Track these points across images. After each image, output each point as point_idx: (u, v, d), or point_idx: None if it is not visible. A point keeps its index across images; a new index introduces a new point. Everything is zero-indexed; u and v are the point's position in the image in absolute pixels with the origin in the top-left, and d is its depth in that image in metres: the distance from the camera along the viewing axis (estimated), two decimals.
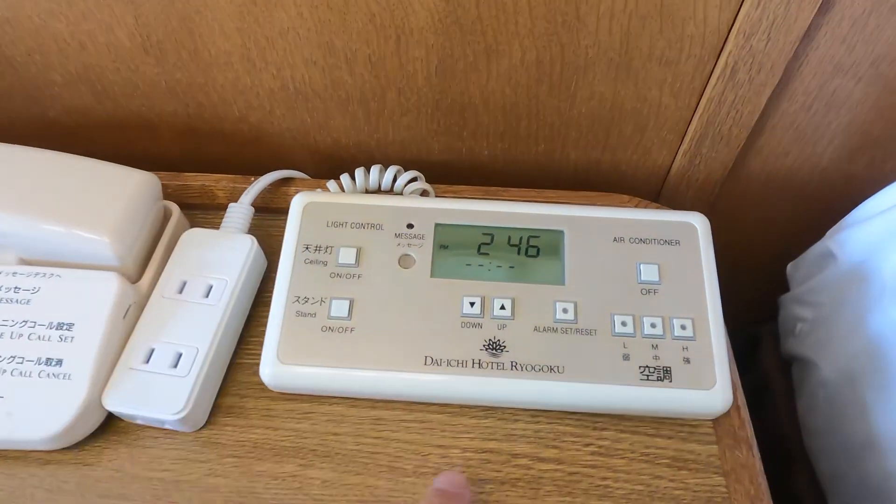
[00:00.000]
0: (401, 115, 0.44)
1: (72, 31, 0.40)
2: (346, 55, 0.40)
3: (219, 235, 0.40)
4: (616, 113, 0.43)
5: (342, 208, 0.39)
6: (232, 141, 0.48)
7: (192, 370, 0.34)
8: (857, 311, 0.44)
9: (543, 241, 0.38)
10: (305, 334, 0.35)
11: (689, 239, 0.38)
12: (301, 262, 0.37)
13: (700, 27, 0.37)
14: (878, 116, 0.43)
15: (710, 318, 0.36)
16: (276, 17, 0.38)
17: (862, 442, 0.43)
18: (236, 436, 0.35)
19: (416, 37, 0.39)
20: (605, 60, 0.39)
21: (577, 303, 0.36)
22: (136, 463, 0.34)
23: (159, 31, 0.40)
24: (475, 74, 0.41)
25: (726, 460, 0.34)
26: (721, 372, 0.35)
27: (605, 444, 0.35)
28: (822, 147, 0.46)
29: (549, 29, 0.38)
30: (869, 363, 0.43)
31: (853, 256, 0.44)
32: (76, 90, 0.44)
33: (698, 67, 0.39)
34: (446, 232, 0.38)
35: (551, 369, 0.35)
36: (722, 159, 0.46)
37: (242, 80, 0.43)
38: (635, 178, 0.49)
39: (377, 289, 0.37)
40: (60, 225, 0.36)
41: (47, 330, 0.35)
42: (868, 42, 0.38)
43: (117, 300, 0.35)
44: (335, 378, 0.35)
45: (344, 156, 0.48)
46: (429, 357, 0.35)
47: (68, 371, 0.34)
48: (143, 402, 0.34)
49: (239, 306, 0.38)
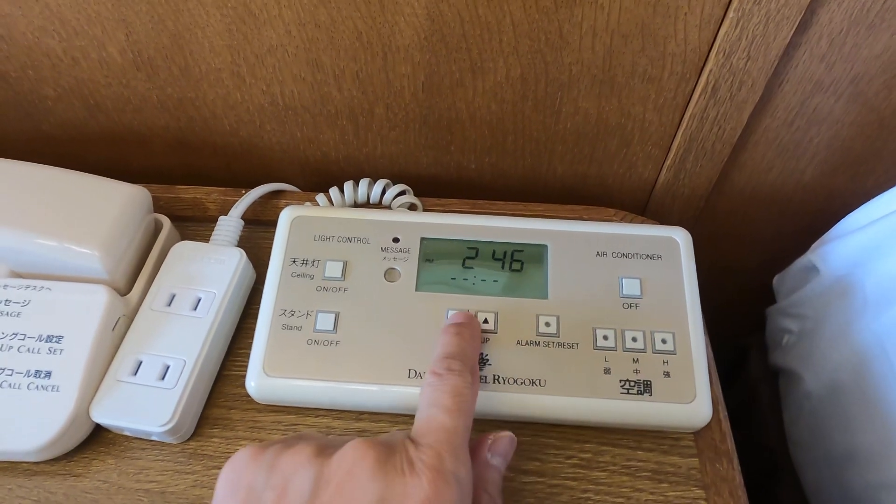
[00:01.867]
0: (389, 129, 0.45)
1: (64, 48, 0.41)
2: (334, 72, 0.41)
3: (208, 248, 0.40)
4: (601, 128, 0.44)
5: (329, 222, 0.39)
6: (223, 154, 0.48)
7: (179, 382, 0.35)
8: (840, 325, 0.44)
9: (527, 255, 0.39)
10: (291, 347, 0.36)
11: (671, 253, 0.39)
12: (288, 275, 0.38)
13: (681, 45, 0.38)
14: (858, 133, 0.44)
15: (691, 332, 0.36)
16: (265, 34, 0.39)
17: (845, 454, 0.43)
18: (223, 447, 0.36)
19: (403, 54, 0.39)
20: (588, 77, 0.40)
21: (559, 317, 0.37)
22: (124, 474, 0.35)
23: (150, 47, 0.40)
24: (461, 90, 0.42)
25: (706, 473, 0.35)
26: (701, 386, 0.35)
27: (587, 456, 0.35)
28: (805, 162, 0.47)
29: (532, 47, 0.38)
30: (852, 376, 0.43)
31: (836, 270, 0.45)
32: (69, 104, 0.45)
33: (680, 84, 0.40)
34: (432, 246, 0.39)
35: (533, 383, 0.35)
36: (706, 174, 0.46)
37: (232, 95, 0.43)
38: (622, 192, 0.49)
39: (363, 302, 0.37)
40: (50, 238, 0.37)
41: (37, 342, 0.35)
42: (846, 60, 0.39)
43: (106, 313, 0.36)
44: (320, 391, 0.35)
45: (334, 169, 0.49)
46: (412, 370, 0.35)
47: (57, 383, 0.34)
48: (130, 414, 0.34)
49: (227, 319, 0.38)
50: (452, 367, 0.30)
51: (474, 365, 0.32)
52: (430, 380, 0.30)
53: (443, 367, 0.30)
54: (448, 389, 0.29)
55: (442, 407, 0.28)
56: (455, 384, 0.29)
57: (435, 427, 0.27)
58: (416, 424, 0.28)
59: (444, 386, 0.29)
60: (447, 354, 0.31)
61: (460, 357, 0.31)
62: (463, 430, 0.27)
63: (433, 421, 0.27)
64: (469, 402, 0.29)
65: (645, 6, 0.36)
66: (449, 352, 0.32)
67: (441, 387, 0.29)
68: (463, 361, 0.31)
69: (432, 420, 0.27)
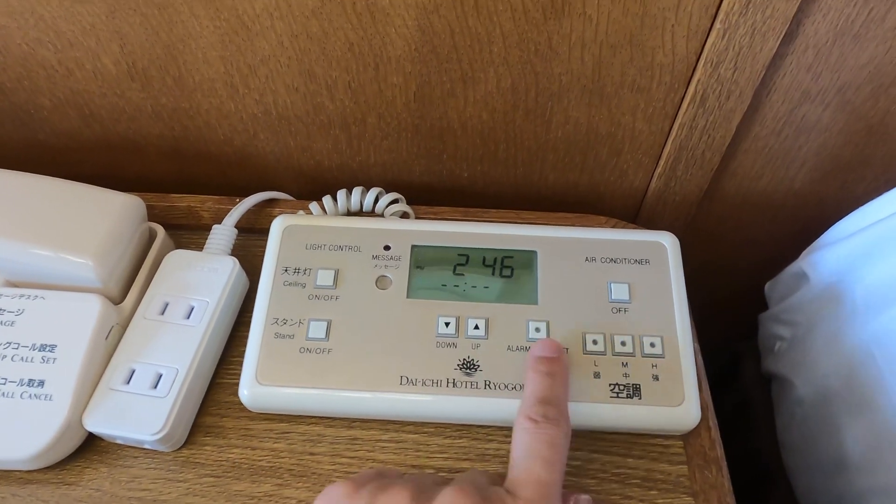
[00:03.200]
0: (381, 138, 0.45)
1: (59, 59, 0.41)
2: (326, 82, 0.41)
3: (201, 257, 0.40)
4: (592, 137, 0.44)
5: (321, 231, 0.40)
6: (217, 163, 0.49)
7: (172, 391, 0.35)
8: (830, 332, 0.44)
9: (517, 261, 0.39)
10: (284, 355, 0.36)
11: (659, 258, 0.39)
12: (280, 284, 0.38)
13: (669, 56, 0.38)
14: (847, 141, 0.44)
15: (679, 335, 0.37)
16: (258, 45, 0.39)
17: (835, 461, 0.43)
18: (215, 455, 0.36)
19: (395, 65, 0.40)
20: (578, 87, 0.41)
21: (549, 322, 0.37)
22: (116, 482, 0.35)
23: (144, 58, 0.41)
24: (453, 100, 0.42)
25: (696, 480, 0.35)
26: (689, 389, 0.35)
27: (578, 463, 0.36)
28: (795, 170, 0.47)
29: (522, 57, 0.39)
30: (841, 383, 0.43)
31: (826, 278, 0.45)
32: (64, 114, 0.45)
33: (669, 94, 0.41)
34: (422, 253, 0.39)
35: (524, 388, 0.35)
36: (697, 182, 0.47)
37: (226, 105, 0.44)
38: (613, 200, 0.50)
39: (354, 310, 0.37)
40: (44, 248, 0.37)
41: (30, 351, 0.35)
42: (833, 70, 0.39)
43: (99, 322, 0.36)
44: (312, 398, 0.36)
45: (327, 177, 0.49)
46: (404, 377, 0.36)
47: (50, 392, 0.34)
48: (122, 423, 0.34)
49: (220, 327, 0.38)
50: (549, 416, 0.30)
51: (567, 409, 0.31)
52: (526, 425, 0.29)
53: (538, 412, 0.30)
54: (546, 440, 0.29)
55: (540, 459, 0.28)
56: (553, 435, 0.29)
57: (533, 480, 0.27)
58: (513, 474, 0.28)
59: (542, 436, 0.29)
60: (542, 399, 0.31)
61: (556, 403, 0.31)
62: (558, 484, 0.28)
63: (531, 474, 0.27)
64: (565, 453, 0.29)
65: (633, 18, 0.36)
66: (543, 395, 0.31)
67: (539, 436, 0.29)
68: (559, 409, 0.30)
69: (531, 473, 0.27)
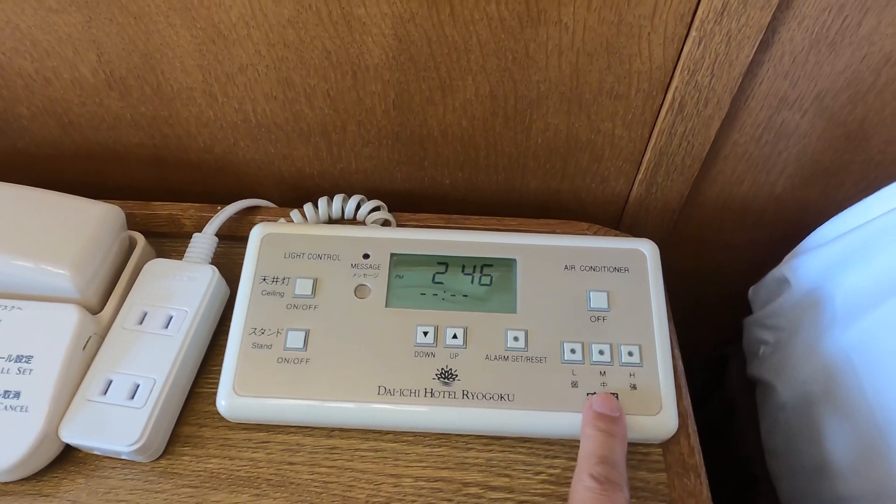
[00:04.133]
0: (362, 146, 0.45)
1: (36, 68, 0.41)
2: (304, 90, 0.41)
3: (181, 266, 0.40)
4: (572, 144, 0.44)
5: (300, 239, 0.39)
6: (198, 171, 0.49)
7: (149, 401, 0.35)
8: (812, 337, 0.44)
9: (496, 269, 0.39)
10: (261, 366, 0.36)
11: (638, 266, 0.39)
12: (258, 293, 0.38)
13: (646, 63, 0.38)
14: (826, 147, 0.44)
15: (658, 344, 0.37)
16: (235, 54, 0.39)
17: (816, 465, 0.43)
18: (193, 465, 0.36)
19: (372, 73, 0.40)
20: (557, 94, 0.41)
21: (527, 331, 0.37)
22: (93, 494, 0.35)
23: (122, 67, 0.41)
24: (432, 108, 0.42)
25: (674, 488, 0.35)
26: (667, 398, 0.35)
27: (556, 472, 0.36)
28: (775, 176, 0.47)
29: (500, 65, 0.39)
30: (822, 388, 0.43)
31: (806, 283, 0.45)
32: (43, 123, 0.45)
33: (647, 101, 0.41)
34: (402, 262, 0.39)
35: (501, 397, 0.35)
36: (678, 188, 0.47)
37: (205, 113, 0.44)
38: (595, 206, 0.50)
39: (333, 319, 0.37)
40: (21, 258, 0.37)
41: (6, 363, 0.35)
42: (810, 77, 0.39)
43: (76, 332, 0.36)
44: (290, 409, 0.36)
45: (309, 185, 0.49)
46: (382, 387, 0.36)
47: (25, 403, 0.34)
48: (99, 434, 0.34)
49: (199, 336, 0.38)
50: (613, 479, 0.30)
51: (626, 472, 0.32)
52: (590, 484, 0.30)
53: (602, 473, 0.30)
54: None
55: None
56: (616, 500, 0.29)
57: None
58: None
59: (606, 500, 0.29)
60: (604, 459, 0.31)
61: (618, 466, 0.31)
62: None
63: None
64: None
65: (609, 25, 0.36)
66: (605, 455, 0.31)
67: (603, 500, 0.29)
68: (621, 472, 0.31)
69: None
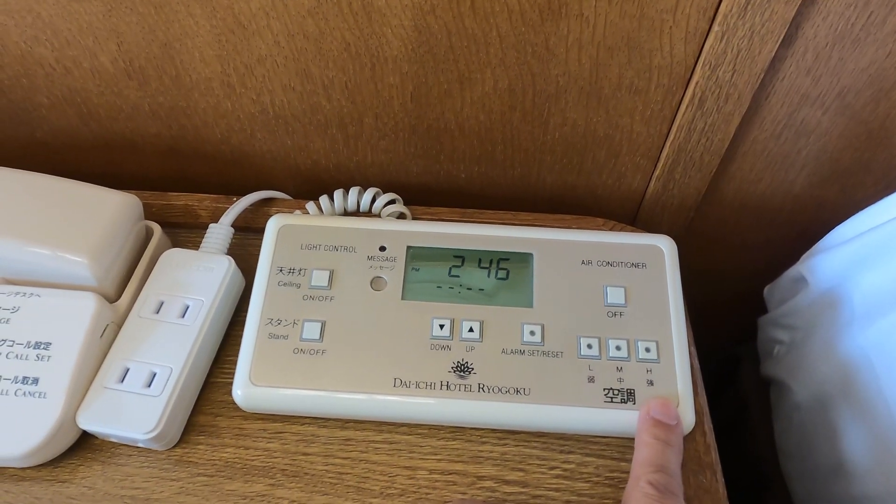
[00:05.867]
0: (378, 138, 0.45)
1: (57, 57, 0.41)
2: (322, 82, 0.41)
3: (197, 256, 0.40)
4: (589, 139, 0.44)
5: (316, 231, 0.39)
6: (215, 162, 0.49)
7: (166, 390, 0.35)
8: (828, 337, 0.44)
9: (513, 263, 0.39)
10: (277, 356, 0.36)
11: (656, 262, 0.39)
12: (275, 284, 0.38)
13: (667, 58, 0.38)
14: (846, 145, 0.44)
15: (675, 340, 0.37)
16: (254, 45, 0.39)
17: (832, 467, 0.43)
18: (208, 454, 0.36)
19: (391, 65, 0.40)
20: (575, 89, 0.40)
21: (544, 325, 0.37)
22: (109, 480, 0.35)
23: (141, 57, 0.41)
24: (450, 101, 0.42)
25: (689, 485, 0.35)
26: (684, 394, 0.35)
27: (571, 467, 0.36)
28: (794, 174, 0.47)
29: (519, 59, 0.39)
30: (839, 389, 0.43)
31: (824, 282, 0.45)
32: (62, 112, 0.45)
33: (667, 96, 0.40)
34: (418, 254, 0.39)
35: (517, 391, 0.35)
36: (695, 185, 0.47)
37: (223, 104, 0.44)
38: (611, 202, 0.50)
39: (349, 311, 0.37)
40: (40, 246, 0.37)
41: (25, 349, 0.35)
42: (833, 74, 0.39)
43: (94, 320, 0.36)
44: (306, 399, 0.36)
45: (324, 177, 0.49)
46: (398, 379, 0.36)
47: (44, 390, 0.34)
48: (115, 421, 0.34)
49: (214, 326, 0.38)
50: (671, 489, 0.30)
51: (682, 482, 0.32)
52: (649, 490, 0.30)
53: (661, 482, 0.30)
54: None
55: None
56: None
57: None
58: None
59: None
60: (662, 468, 0.31)
61: (675, 475, 0.31)
62: None
63: None
64: None
65: (630, 20, 0.36)
66: (663, 465, 0.31)
67: None
68: (678, 482, 0.31)
69: None
